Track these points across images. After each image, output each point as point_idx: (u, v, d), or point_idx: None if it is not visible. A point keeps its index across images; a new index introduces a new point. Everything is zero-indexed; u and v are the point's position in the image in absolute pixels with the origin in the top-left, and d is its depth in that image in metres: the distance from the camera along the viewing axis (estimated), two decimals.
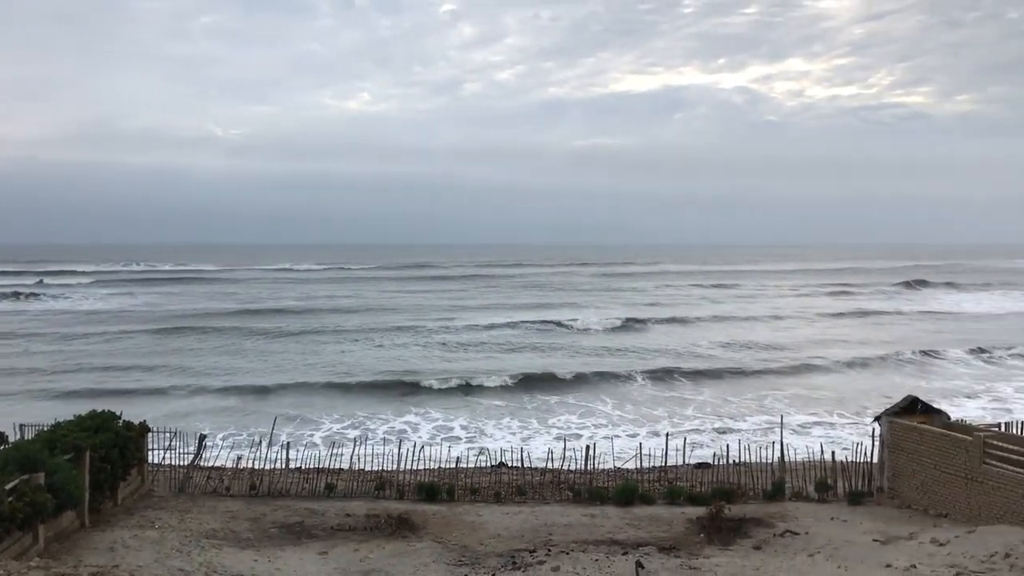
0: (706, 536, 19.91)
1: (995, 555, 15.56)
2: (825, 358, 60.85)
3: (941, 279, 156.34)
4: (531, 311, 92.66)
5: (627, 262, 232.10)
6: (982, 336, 73.17)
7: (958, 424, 24.44)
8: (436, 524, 20.85)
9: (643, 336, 74.26)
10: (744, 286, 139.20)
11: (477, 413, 43.06)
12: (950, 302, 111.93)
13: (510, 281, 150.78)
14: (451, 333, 73.89)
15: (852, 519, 21.42)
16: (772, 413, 41.51)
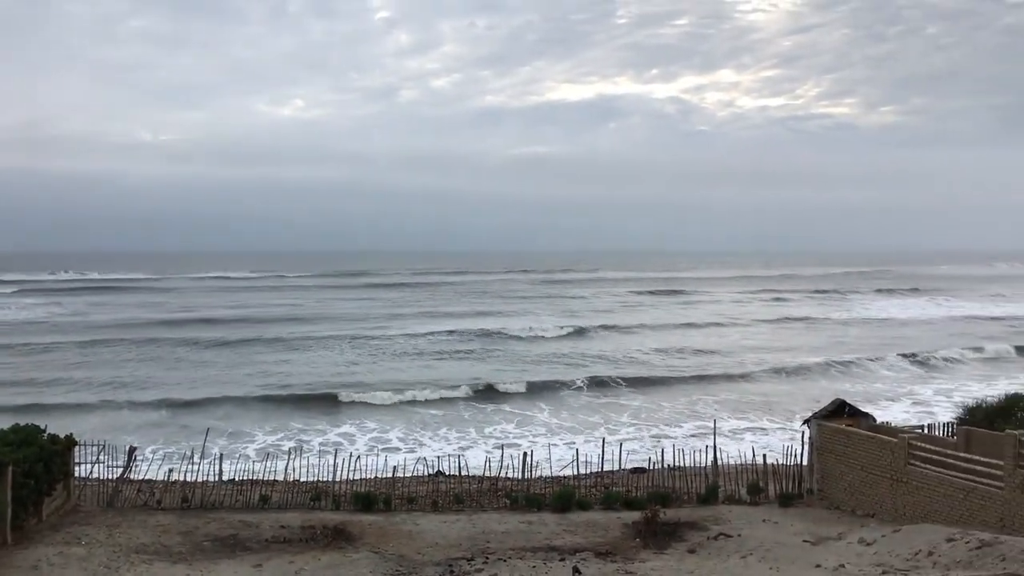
0: (642, 540, 20.13)
1: (919, 553, 16.03)
2: (757, 364, 61.98)
3: (869, 285, 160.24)
4: (470, 319, 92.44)
5: (565, 269, 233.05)
6: (907, 341, 75.38)
7: (884, 427, 25.17)
8: (373, 534, 20.70)
9: (581, 343, 74.64)
10: (679, 293, 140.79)
11: (414, 423, 42.84)
12: (877, 308, 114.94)
13: (450, 288, 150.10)
14: (389, 342, 73.23)
15: (783, 521, 21.87)
16: (705, 418, 42.17)
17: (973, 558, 14.98)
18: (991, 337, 78.99)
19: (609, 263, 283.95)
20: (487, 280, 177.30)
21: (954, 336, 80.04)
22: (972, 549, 15.34)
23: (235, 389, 51.05)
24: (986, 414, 26.01)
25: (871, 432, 23.38)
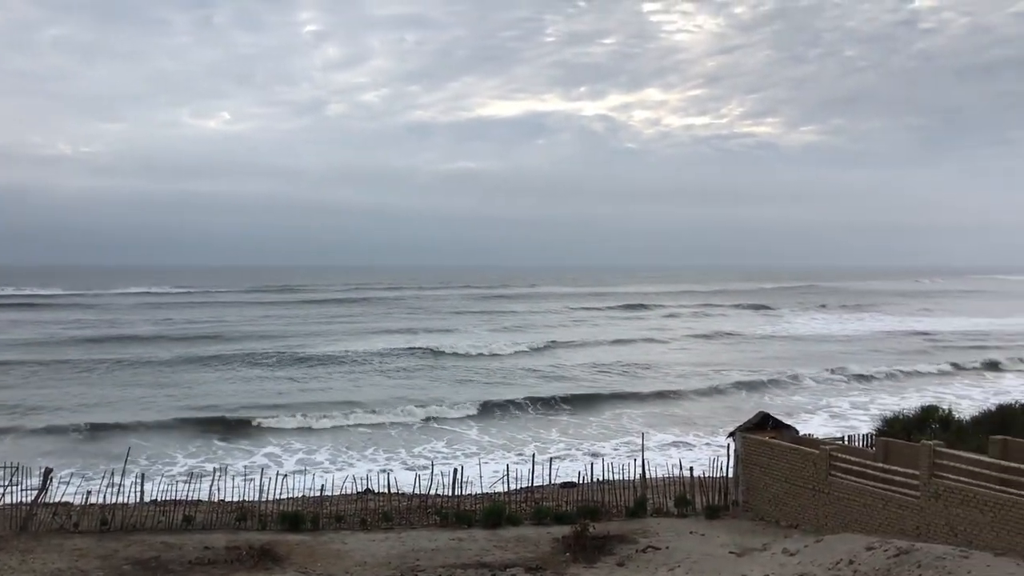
0: (571, 555, 20.19)
1: (840, 562, 16.42)
2: (685, 379, 63.00)
3: (795, 301, 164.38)
4: (405, 336, 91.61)
5: (500, 284, 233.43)
6: (828, 355, 77.43)
7: (806, 438, 25.73)
8: (300, 554, 20.35)
9: (518, 359, 74.58)
10: (612, 308, 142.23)
11: (340, 441, 42.26)
12: (800, 323, 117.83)
13: (385, 304, 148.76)
14: (321, 361, 72.01)
15: (710, 533, 22.15)
16: (634, 433, 42.52)
17: (891, 566, 15.41)
18: (909, 352, 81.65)
19: (543, 279, 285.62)
20: (421, 296, 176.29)
21: (873, 351, 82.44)
22: (890, 557, 15.78)
23: (157, 410, 49.53)
24: (903, 426, 26.83)
25: (794, 444, 23.89)
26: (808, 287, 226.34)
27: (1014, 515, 17.36)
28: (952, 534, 18.41)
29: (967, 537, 18.05)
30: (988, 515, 17.86)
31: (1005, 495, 17.75)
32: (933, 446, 19.52)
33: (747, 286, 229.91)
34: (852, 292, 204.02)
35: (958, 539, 18.09)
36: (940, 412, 27.78)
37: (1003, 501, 17.65)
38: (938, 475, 19.06)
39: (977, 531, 18.00)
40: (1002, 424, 24.64)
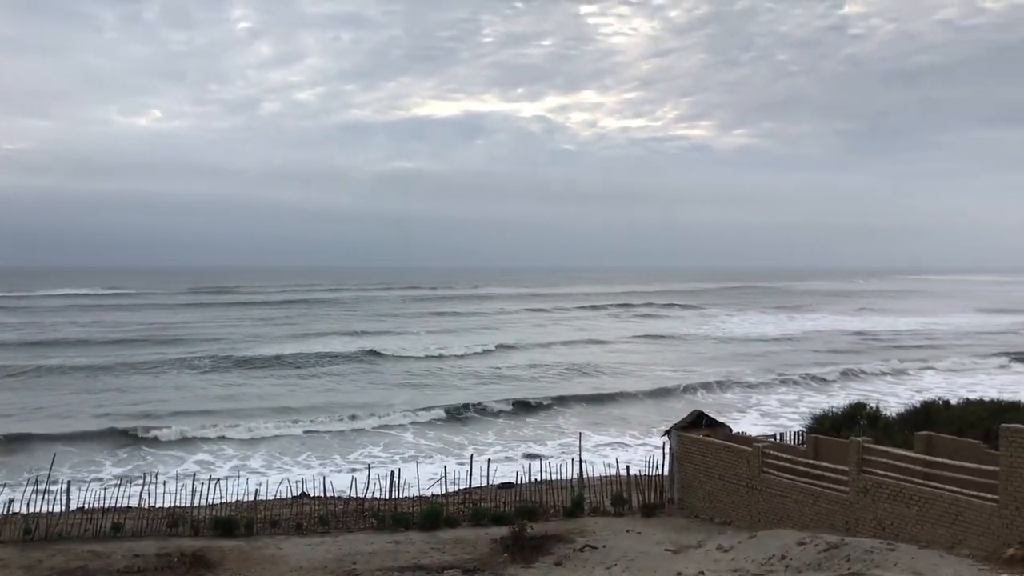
0: (510, 555, 20.19)
1: (772, 557, 16.69)
2: (621, 379, 63.61)
3: (731, 302, 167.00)
4: (343, 338, 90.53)
5: (445, 285, 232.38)
6: (761, 356, 78.89)
7: (739, 436, 26.15)
8: (234, 560, 20.00)
9: (455, 362, 74.37)
10: (552, 310, 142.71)
11: (275, 447, 41.62)
12: (734, 323, 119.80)
13: (324, 306, 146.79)
14: (253, 364, 70.79)
15: (646, 531, 22.36)
16: (571, 435, 42.68)
17: (822, 560, 15.72)
18: (839, 350, 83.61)
19: (485, 279, 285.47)
20: (363, 298, 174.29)
21: (804, 351, 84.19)
22: (821, 552, 16.09)
23: (83, 417, 48.12)
24: (832, 423, 27.44)
25: (727, 442, 24.26)
26: (745, 288, 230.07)
27: (938, 508, 17.88)
28: (880, 528, 18.89)
29: (894, 531, 18.53)
30: (913, 509, 18.36)
31: (929, 489, 18.27)
32: (861, 442, 20.00)
33: (685, 287, 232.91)
34: (787, 293, 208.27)
35: (885, 533, 18.56)
36: (868, 409, 28.49)
37: (928, 495, 18.17)
38: (866, 471, 19.53)
39: (903, 524, 18.50)
40: (927, 420, 25.38)
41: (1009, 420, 19.52)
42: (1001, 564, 14.97)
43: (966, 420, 24.38)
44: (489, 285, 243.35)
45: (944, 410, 26.56)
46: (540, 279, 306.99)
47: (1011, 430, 16.72)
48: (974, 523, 17.13)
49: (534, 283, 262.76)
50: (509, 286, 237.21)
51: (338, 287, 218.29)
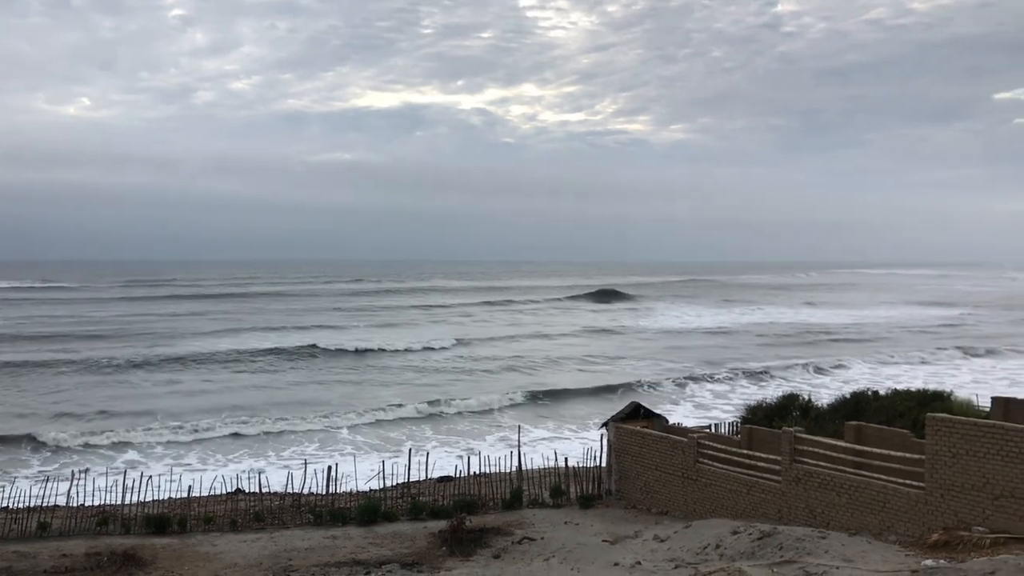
0: (448, 549, 20.16)
1: (708, 546, 16.94)
2: (560, 372, 63.94)
3: (673, 295, 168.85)
4: (280, 333, 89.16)
5: (389, 279, 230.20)
6: (697, 348, 80.00)
7: (675, 427, 26.48)
8: (167, 558, 19.62)
9: (394, 357, 73.82)
10: (490, 302, 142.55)
11: (209, 446, 40.84)
12: (675, 317, 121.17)
13: (262, 300, 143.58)
14: (188, 360, 69.21)
15: (584, 522, 22.52)
16: (509, 429, 42.74)
17: (755, 548, 16.00)
18: (774, 344, 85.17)
19: (426, 273, 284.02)
20: (304, 291, 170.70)
21: (739, 343, 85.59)
22: (754, 540, 16.38)
23: (9, 417, 46.58)
24: (766, 413, 27.96)
25: (664, 433, 24.53)
26: (686, 282, 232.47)
27: (867, 496, 18.32)
28: (812, 516, 19.29)
29: (825, 519, 18.94)
30: (844, 497, 18.78)
31: (859, 478, 18.71)
32: (794, 432, 20.38)
33: (626, 280, 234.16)
34: (726, 286, 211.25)
35: (817, 521, 18.97)
36: (800, 400, 29.10)
37: (857, 483, 18.60)
38: (798, 460, 19.92)
39: (834, 512, 18.91)
40: (857, 410, 25.99)
41: (935, 410, 20.13)
42: (926, 549, 15.42)
43: (894, 410, 25.04)
44: (433, 278, 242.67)
45: (873, 400, 27.24)
46: (482, 272, 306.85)
47: (937, 419, 17.19)
48: (901, 510, 17.58)
49: (477, 276, 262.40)
50: (452, 279, 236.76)
51: (278, 280, 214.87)
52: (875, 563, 13.97)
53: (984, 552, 14.36)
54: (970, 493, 16.30)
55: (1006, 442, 15.79)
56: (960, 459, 16.46)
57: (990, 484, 15.99)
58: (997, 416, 21.31)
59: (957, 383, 49.00)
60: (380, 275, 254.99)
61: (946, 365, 68.33)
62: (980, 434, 16.26)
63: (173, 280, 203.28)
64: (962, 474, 16.44)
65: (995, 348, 78.40)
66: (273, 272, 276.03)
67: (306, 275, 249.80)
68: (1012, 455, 15.67)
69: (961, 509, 16.43)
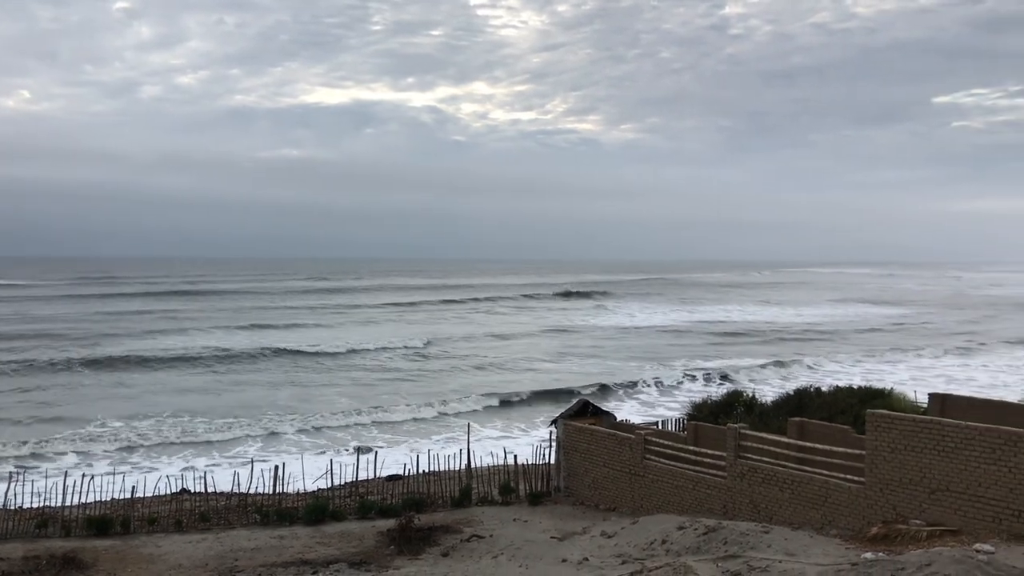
0: (397, 547, 20.12)
1: (654, 542, 17.14)
2: (511, 371, 64.04)
3: (625, 292, 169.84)
4: (232, 333, 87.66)
5: (338, 276, 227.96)
6: (646, 347, 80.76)
7: (623, 424, 26.71)
8: (109, 560, 19.31)
9: (341, 358, 73.00)
10: (449, 300, 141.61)
11: (153, 448, 40.00)
12: (626, 315, 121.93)
13: (216, 299, 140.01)
14: (138, 361, 67.39)
15: (532, 519, 22.62)
16: (459, 428, 42.56)
17: (700, 543, 16.22)
18: (716, 343, 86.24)
19: (378, 271, 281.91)
20: (254, 289, 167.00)
21: (687, 343, 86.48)
22: (700, 535, 16.61)
23: None
24: (711, 410, 28.31)
25: (612, 430, 24.73)
26: (638, 281, 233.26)
27: (809, 491, 18.67)
28: (755, 511, 19.60)
29: (768, 513, 19.26)
30: (787, 492, 19.12)
31: (802, 473, 19.05)
32: (738, 429, 20.69)
33: (581, 278, 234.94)
34: (680, 284, 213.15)
35: (760, 515, 19.28)
36: (745, 397, 29.52)
37: (800, 478, 18.94)
38: (743, 456, 20.23)
39: (777, 507, 19.24)
40: (800, 407, 26.43)
41: (875, 406, 20.54)
42: (865, 542, 15.76)
43: (836, 407, 25.53)
44: (388, 275, 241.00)
45: (816, 397, 27.73)
46: (439, 270, 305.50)
47: (876, 415, 17.58)
48: (842, 504, 17.95)
49: (431, 275, 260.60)
50: (405, 277, 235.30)
51: (229, 278, 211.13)
52: (816, 557, 14.24)
53: (921, 544, 14.73)
54: (908, 487, 16.70)
55: (942, 437, 16.21)
56: (899, 454, 16.86)
57: (927, 478, 16.40)
58: (934, 412, 21.85)
59: (897, 380, 50.05)
60: (331, 273, 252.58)
61: (887, 362, 69.78)
62: (918, 430, 16.67)
63: (124, 277, 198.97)
64: (900, 469, 16.83)
65: (935, 346, 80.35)
66: (224, 270, 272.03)
67: (257, 273, 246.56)
68: (948, 450, 16.09)
69: (899, 503, 16.83)
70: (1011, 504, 15.19)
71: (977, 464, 15.66)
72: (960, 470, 15.88)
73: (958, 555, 11.93)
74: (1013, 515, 15.14)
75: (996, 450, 15.42)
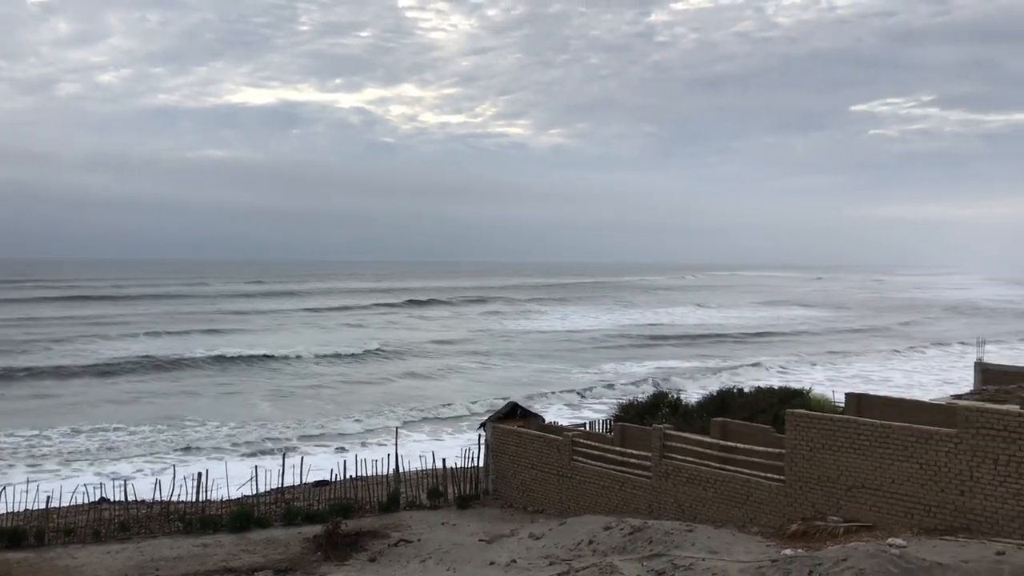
0: (323, 553, 19.93)
1: (581, 542, 17.31)
2: (440, 374, 63.94)
3: (551, 297, 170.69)
4: (167, 338, 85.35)
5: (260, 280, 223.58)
6: (573, 350, 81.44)
7: (552, 426, 26.90)
8: (23, 573, 18.76)
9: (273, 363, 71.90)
10: (396, 304, 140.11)
11: (70, 457, 38.70)
12: (555, 319, 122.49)
13: (145, 303, 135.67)
14: (51, 368, 65.46)
15: (461, 522, 22.62)
16: (387, 433, 42.29)
17: (626, 543, 16.43)
18: (644, 344, 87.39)
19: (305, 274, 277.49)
20: (178, 293, 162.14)
21: (613, 346, 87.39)
22: (626, 535, 16.83)
23: None
24: (637, 411, 28.67)
25: (540, 432, 24.88)
26: (569, 285, 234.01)
27: (731, 490, 19.06)
28: (680, 510, 19.93)
29: (693, 512, 19.60)
30: (710, 491, 19.49)
31: (724, 472, 19.45)
32: (663, 429, 21.02)
33: (511, 282, 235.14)
34: (609, 287, 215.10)
35: (685, 514, 19.61)
36: (670, 398, 30.00)
37: (723, 477, 19.33)
38: (667, 456, 20.55)
39: (701, 506, 19.60)
40: (723, 407, 26.97)
41: (795, 406, 21.08)
42: (786, 539, 16.16)
43: (758, 406, 26.10)
44: (324, 279, 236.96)
45: (738, 397, 28.32)
46: (374, 273, 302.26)
47: (795, 415, 18.05)
48: (763, 502, 18.38)
49: (364, 278, 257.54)
50: (338, 280, 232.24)
51: (154, 281, 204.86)
52: (738, 554, 14.55)
53: (838, 540, 15.16)
54: (826, 485, 17.18)
55: (858, 436, 16.73)
56: (817, 452, 17.33)
57: (844, 475, 16.90)
58: (851, 411, 22.53)
59: (816, 380, 51.46)
60: (259, 276, 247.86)
61: (809, 363, 71.62)
62: (835, 428, 17.17)
63: (50, 281, 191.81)
64: (818, 467, 17.31)
65: (856, 347, 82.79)
66: (150, 272, 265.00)
67: (181, 276, 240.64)
68: (863, 448, 16.61)
69: (818, 500, 17.30)
70: (922, 499, 15.76)
71: (891, 461, 16.20)
72: (875, 467, 16.41)
73: (872, 550, 12.32)
74: (924, 510, 15.71)
75: (908, 447, 15.98)
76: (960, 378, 52.93)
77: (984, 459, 15.00)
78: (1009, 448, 14.72)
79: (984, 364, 45.11)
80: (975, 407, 16.17)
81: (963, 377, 49.45)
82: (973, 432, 15.15)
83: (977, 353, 52.67)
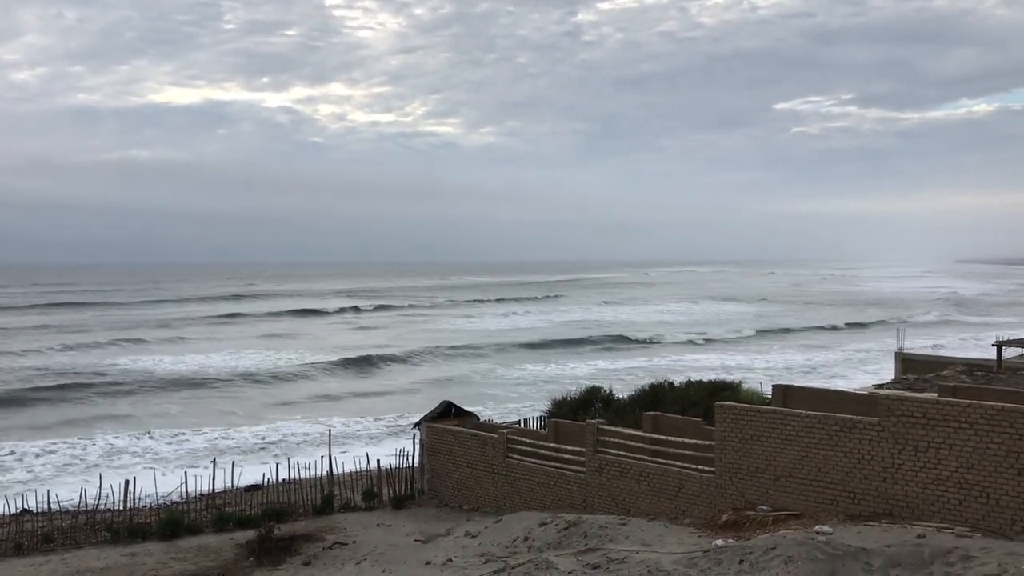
0: (256, 559, 19.68)
1: (517, 539, 17.38)
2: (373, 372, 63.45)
3: (484, 297, 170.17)
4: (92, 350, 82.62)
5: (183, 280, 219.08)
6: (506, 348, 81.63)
7: (486, 424, 26.94)
8: None
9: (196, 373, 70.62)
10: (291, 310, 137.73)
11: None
12: (489, 318, 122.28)
13: (81, 313, 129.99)
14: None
15: (396, 523, 22.55)
16: (321, 432, 41.79)
17: (562, 538, 16.57)
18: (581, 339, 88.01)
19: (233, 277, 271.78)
20: (105, 300, 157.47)
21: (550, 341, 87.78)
22: (561, 530, 16.96)
23: None
24: (571, 407, 28.84)
25: (475, 430, 24.91)
26: (502, 284, 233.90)
27: (664, 482, 19.37)
28: (614, 504, 20.16)
29: (626, 506, 19.85)
30: (643, 484, 19.77)
31: (656, 465, 19.74)
32: (596, 424, 21.25)
33: (446, 281, 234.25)
34: (535, 285, 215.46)
35: (619, 508, 19.85)
36: (602, 392, 30.22)
37: (654, 470, 19.62)
38: (601, 451, 20.78)
39: (634, 499, 19.86)
40: (655, 401, 27.27)
41: (725, 399, 21.48)
42: (717, 530, 16.49)
43: (688, 399, 26.46)
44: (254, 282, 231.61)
45: (670, 391, 28.64)
46: (293, 272, 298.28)
47: (724, 407, 18.42)
48: (695, 494, 18.71)
49: (308, 279, 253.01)
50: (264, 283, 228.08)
51: (71, 287, 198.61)
52: (671, 546, 14.79)
53: (767, 529, 15.52)
54: (755, 475, 17.58)
55: (785, 426, 17.15)
56: (746, 443, 17.72)
57: (772, 466, 17.30)
58: (778, 403, 22.99)
59: (746, 373, 52.48)
60: (183, 279, 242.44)
61: (741, 354, 73.16)
62: (762, 420, 17.58)
63: None
64: (748, 457, 17.69)
65: (781, 339, 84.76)
66: (71, 277, 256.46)
67: (104, 281, 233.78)
68: (790, 438, 17.03)
69: (747, 490, 17.69)
70: (847, 487, 16.24)
71: (817, 451, 16.65)
72: (801, 457, 16.85)
73: (800, 537, 12.67)
74: (849, 497, 16.19)
75: (833, 436, 16.44)
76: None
77: (905, 446, 15.52)
78: (928, 435, 15.25)
79: (904, 353, 46.55)
80: (895, 396, 16.73)
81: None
82: (894, 420, 15.66)
83: (898, 343, 54.48)
